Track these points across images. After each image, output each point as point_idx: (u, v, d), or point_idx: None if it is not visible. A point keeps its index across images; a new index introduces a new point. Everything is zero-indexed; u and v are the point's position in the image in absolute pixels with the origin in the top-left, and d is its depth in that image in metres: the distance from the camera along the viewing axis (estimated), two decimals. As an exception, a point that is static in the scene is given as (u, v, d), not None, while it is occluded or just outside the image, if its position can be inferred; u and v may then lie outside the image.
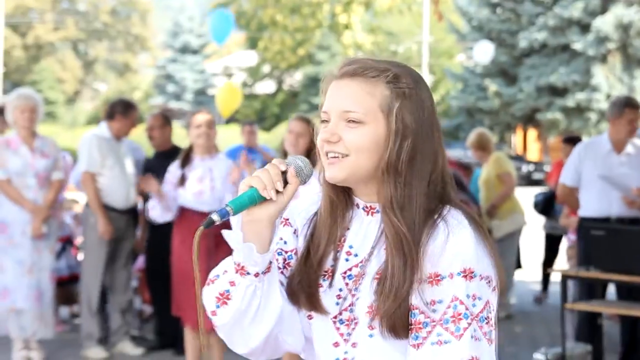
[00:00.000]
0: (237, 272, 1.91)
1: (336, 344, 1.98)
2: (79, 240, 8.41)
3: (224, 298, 1.93)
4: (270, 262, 1.94)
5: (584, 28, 28.89)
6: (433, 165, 1.96)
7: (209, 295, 1.95)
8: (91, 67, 53.41)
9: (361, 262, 1.98)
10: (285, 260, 2.06)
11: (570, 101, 28.83)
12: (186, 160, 6.35)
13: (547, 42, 29.30)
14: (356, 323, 1.95)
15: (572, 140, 9.54)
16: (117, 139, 7.54)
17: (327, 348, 1.99)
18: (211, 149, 6.37)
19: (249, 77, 43.37)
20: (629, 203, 6.67)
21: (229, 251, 5.95)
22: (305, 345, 2.05)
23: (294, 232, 2.09)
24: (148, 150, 8.81)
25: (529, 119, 31.10)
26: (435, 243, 1.88)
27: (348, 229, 2.02)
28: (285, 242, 2.08)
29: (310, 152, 5.96)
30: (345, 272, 1.99)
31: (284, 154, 6.10)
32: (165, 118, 7.95)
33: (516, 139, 36.99)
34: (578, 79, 28.68)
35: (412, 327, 1.88)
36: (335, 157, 1.94)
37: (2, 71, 37.93)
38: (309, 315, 2.01)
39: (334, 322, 1.98)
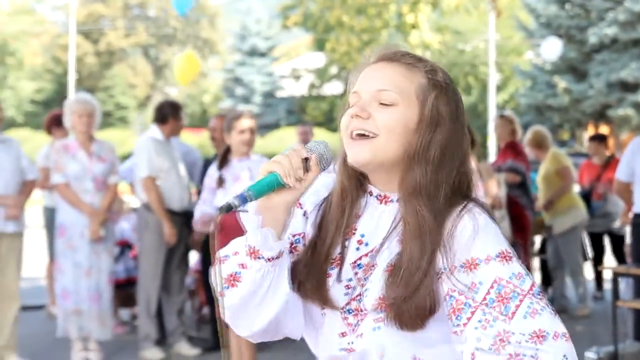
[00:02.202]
0: (248, 254, 1.87)
1: (343, 334, 1.93)
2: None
3: (233, 280, 1.89)
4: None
5: (656, 22, 28.34)
6: (461, 160, 1.93)
7: (217, 275, 1.91)
8: (162, 71, 54.08)
9: (371, 251, 1.93)
10: (292, 244, 2.01)
11: (642, 97, 28.30)
12: (223, 162, 6.35)
13: (618, 37, 28.77)
14: (365, 314, 1.89)
15: (597, 138, 9.82)
16: (168, 141, 7.66)
17: (333, 337, 1.95)
18: (249, 152, 6.38)
19: (316, 78, 43.45)
20: None
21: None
22: (310, 332, 2.01)
23: (304, 214, 2.04)
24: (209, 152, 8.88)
25: (600, 116, 30.57)
26: (465, 232, 1.84)
27: (359, 216, 1.97)
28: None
29: None
30: (355, 262, 1.94)
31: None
32: (229, 120, 7.98)
33: (587, 136, 36.48)
34: (650, 74, 28.13)
35: (453, 309, 1.81)
36: (363, 135, 1.89)
37: (75, 78, 38.64)
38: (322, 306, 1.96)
39: (342, 312, 1.93)
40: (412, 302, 1.82)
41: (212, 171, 6.43)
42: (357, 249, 1.95)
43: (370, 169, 1.94)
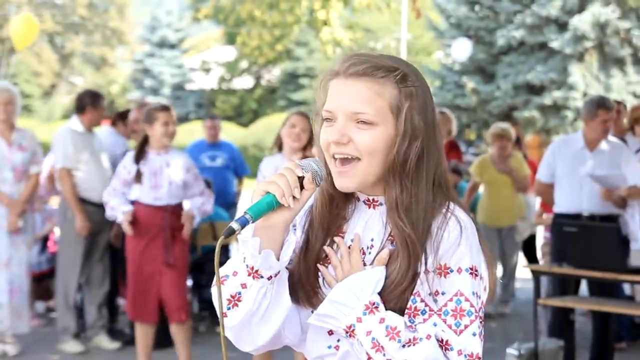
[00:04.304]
0: (249, 275, 1.92)
1: (330, 332, 1.98)
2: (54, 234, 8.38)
3: (235, 300, 1.93)
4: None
5: (562, 26, 29.00)
6: (437, 162, 1.97)
7: (218, 297, 1.93)
8: (68, 60, 53.06)
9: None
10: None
11: (547, 99, 28.94)
12: (140, 155, 6.19)
13: (525, 40, 29.39)
14: None
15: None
16: (90, 132, 7.54)
17: (321, 336, 1.99)
18: (170, 144, 6.27)
19: (226, 72, 43.25)
20: (606, 196, 6.68)
21: (185, 244, 6.02)
22: (300, 334, 2.06)
23: (293, 226, 2.06)
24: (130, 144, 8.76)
25: (506, 117, 31.10)
26: (450, 236, 1.89)
27: (346, 219, 2.02)
28: None
29: (306, 147, 5.97)
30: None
31: (279, 147, 6.03)
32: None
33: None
34: (555, 77, 28.79)
35: (409, 311, 1.89)
36: (345, 159, 1.92)
37: (-22, 64, 37.70)
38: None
39: None
40: (398, 307, 1.91)
41: (128, 163, 6.21)
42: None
43: (359, 190, 2.00)
